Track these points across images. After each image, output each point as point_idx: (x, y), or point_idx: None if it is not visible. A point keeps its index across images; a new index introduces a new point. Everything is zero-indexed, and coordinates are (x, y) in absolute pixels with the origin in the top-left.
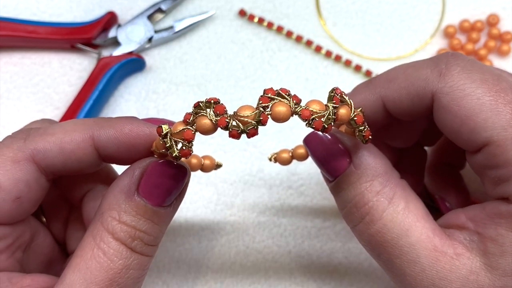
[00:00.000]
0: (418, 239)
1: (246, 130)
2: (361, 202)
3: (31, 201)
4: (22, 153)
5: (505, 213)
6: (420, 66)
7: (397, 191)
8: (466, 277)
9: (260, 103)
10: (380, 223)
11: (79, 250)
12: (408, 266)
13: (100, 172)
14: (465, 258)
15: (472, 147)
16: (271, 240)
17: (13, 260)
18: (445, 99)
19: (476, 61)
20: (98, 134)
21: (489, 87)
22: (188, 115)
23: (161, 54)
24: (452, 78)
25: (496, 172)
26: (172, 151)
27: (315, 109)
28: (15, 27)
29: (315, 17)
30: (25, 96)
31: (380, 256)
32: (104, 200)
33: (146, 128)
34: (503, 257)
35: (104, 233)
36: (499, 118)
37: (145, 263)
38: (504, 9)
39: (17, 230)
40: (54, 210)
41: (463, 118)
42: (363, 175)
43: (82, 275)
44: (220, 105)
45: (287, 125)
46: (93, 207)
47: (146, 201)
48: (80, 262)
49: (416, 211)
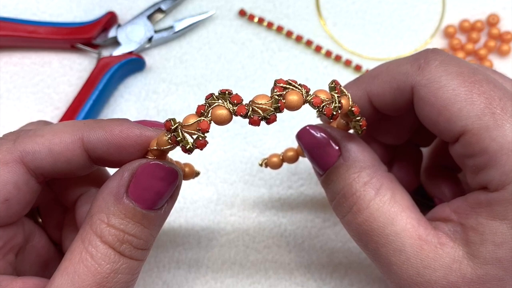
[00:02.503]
0: (403, 228)
1: (267, 116)
2: (349, 193)
3: (21, 203)
4: (11, 155)
5: (484, 202)
6: (401, 62)
7: (384, 182)
8: (449, 266)
9: (275, 91)
10: (367, 212)
11: (69, 253)
12: (394, 255)
13: (94, 175)
14: (449, 247)
15: (450, 137)
16: (271, 240)
17: (5, 262)
18: (423, 91)
19: (454, 56)
20: (88, 135)
21: (464, 78)
22: (201, 107)
23: (161, 54)
24: (430, 71)
25: (473, 160)
26: (185, 143)
27: (323, 98)
28: (15, 27)
29: (315, 17)
30: (25, 96)
31: (367, 246)
32: (93, 202)
33: (136, 129)
34: (483, 246)
35: (92, 236)
36: (473, 108)
37: (135, 268)
38: (504, 9)
39: (8, 233)
40: (50, 212)
41: (439, 108)
42: (352, 167)
43: (70, 279)
44: (236, 95)
45: (287, 125)
46: (86, 210)
47: (135, 203)
48: (68, 266)
49: (402, 201)
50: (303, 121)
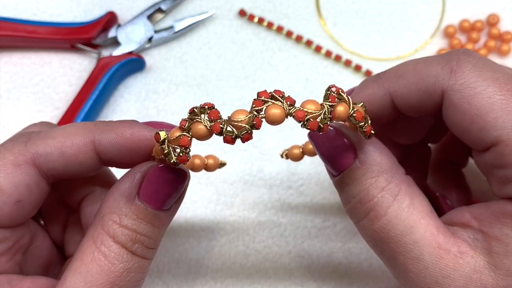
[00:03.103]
0: (422, 236)
1: (240, 135)
2: (366, 198)
3: (32, 205)
4: (23, 157)
5: (511, 212)
6: (430, 62)
7: (402, 187)
8: (470, 276)
9: (254, 106)
10: (385, 219)
11: (79, 253)
12: (412, 263)
13: (99, 176)
14: (469, 257)
15: (480, 146)
16: (271, 240)
17: (13, 262)
18: (455, 97)
19: (487, 59)
20: (99, 138)
21: (501, 85)
22: (183, 122)
23: (161, 54)
24: (463, 75)
25: (504, 171)
26: (170, 157)
27: (310, 109)
28: (15, 27)
29: (315, 17)
30: (25, 96)
31: (383, 253)
32: (104, 203)
33: (147, 132)
34: (508, 257)
35: (104, 237)
36: (510, 118)
37: (145, 266)
38: (504, 9)
39: (17, 233)
40: (52, 213)
41: (473, 116)
42: (368, 171)
43: (83, 278)
44: (214, 111)
45: (287, 125)
46: (92, 211)
47: (146, 205)
48: (80, 265)
49: (421, 208)
50: None
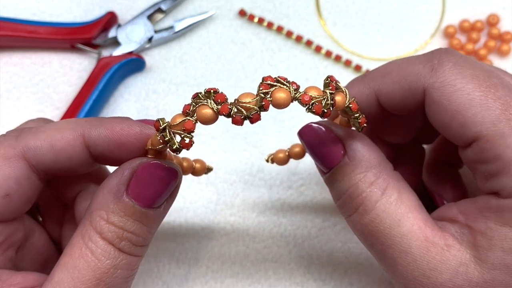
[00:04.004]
0: (410, 229)
1: (249, 115)
2: (355, 193)
3: (22, 199)
4: (13, 150)
5: (494, 207)
6: (413, 61)
7: (390, 182)
8: (456, 269)
9: (261, 89)
10: (373, 213)
11: (68, 248)
12: (400, 256)
13: (94, 173)
14: (455, 250)
15: (462, 142)
16: (271, 240)
17: (5, 258)
18: (436, 94)
19: (469, 57)
20: (89, 132)
21: (480, 82)
22: (187, 106)
23: (161, 54)
24: (444, 73)
25: (486, 166)
26: (172, 143)
27: (314, 95)
28: (15, 27)
29: (315, 17)
30: (25, 96)
31: (373, 246)
32: (93, 199)
33: (137, 127)
34: (492, 251)
35: (92, 232)
36: (489, 113)
37: (134, 263)
38: (504, 9)
39: (9, 228)
40: (49, 210)
41: (453, 112)
42: (357, 167)
43: (70, 274)
44: (220, 94)
45: (287, 125)
46: (85, 207)
47: (135, 202)
48: (68, 261)
49: (409, 202)
50: (303, 121)
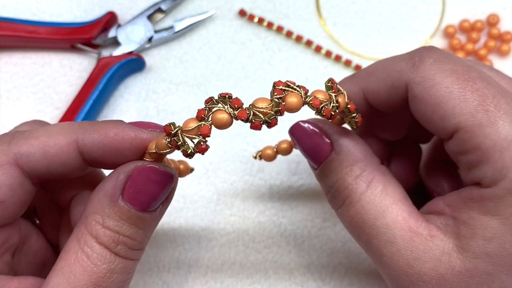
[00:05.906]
0: (394, 220)
1: (268, 120)
2: (342, 186)
3: (16, 205)
4: (5, 157)
5: (476, 197)
6: (396, 59)
7: (375, 175)
8: (439, 258)
9: (275, 94)
10: (359, 205)
11: (64, 253)
12: (385, 246)
13: (88, 176)
14: (439, 240)
15: (444, 134)
16: (271, 240)
17: (1, 263)
18: (417, 89)
19: (450, 54)
20: (83, 138)
21: (458, 76)
22: (202, 111)
23: (161, 54)
24: (424, 68)
25: (467, 157)
26: (186, 147)
27: (321, 98)
28: (15, 27)
29: (315, 17)
30: (25, 96)
31: (360, 237)
32: (88, 203)
33: (131, 131)
34: (474, 240)
35: (88, 237)
36: (467, 105)
37: (130, 267)
38: (504, 9)
39: (4, 233)
40: (46, 212)
41: (433, 106)
42: (344, 161)
43: (66, 279)
44: (236, 99)
45: (287, 125)
46: (80, 210)
47: (130, 206)
48: (64, 266)
49: (394, 194)
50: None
